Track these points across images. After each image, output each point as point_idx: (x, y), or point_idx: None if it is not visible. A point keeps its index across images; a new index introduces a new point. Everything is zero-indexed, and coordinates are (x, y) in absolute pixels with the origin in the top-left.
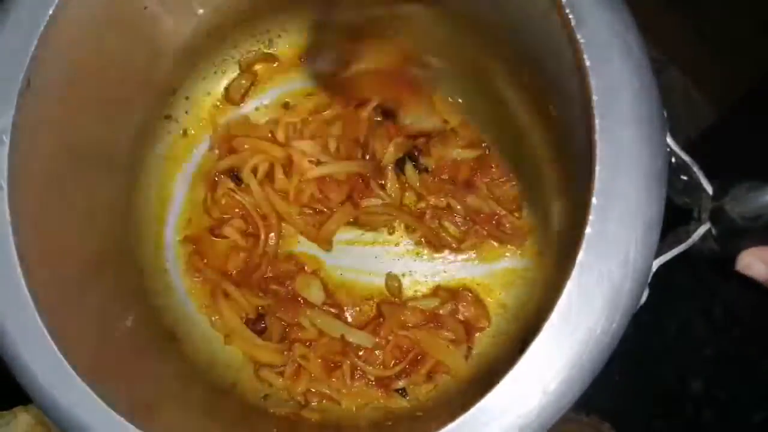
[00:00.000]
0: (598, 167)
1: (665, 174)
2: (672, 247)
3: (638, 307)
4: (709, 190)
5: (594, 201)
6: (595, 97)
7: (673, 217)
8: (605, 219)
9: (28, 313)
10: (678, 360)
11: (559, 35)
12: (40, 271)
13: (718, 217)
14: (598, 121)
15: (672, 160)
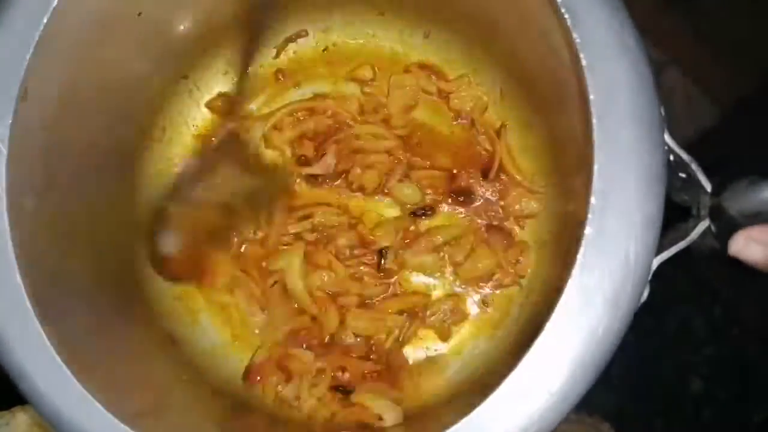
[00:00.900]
0: (596, 166)
1: (664, 172)
2: (672, 245)
3: (639, 306)
4: (708, 187)
5: (593, 200)
6: (592, 97)
7: (673, 215)
8: (604, 218)
9: (28, 320)
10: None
11: (556, 35)
12: (40, 278)
13: (717, 214)
14: (596, 121)
15: (670, 158)
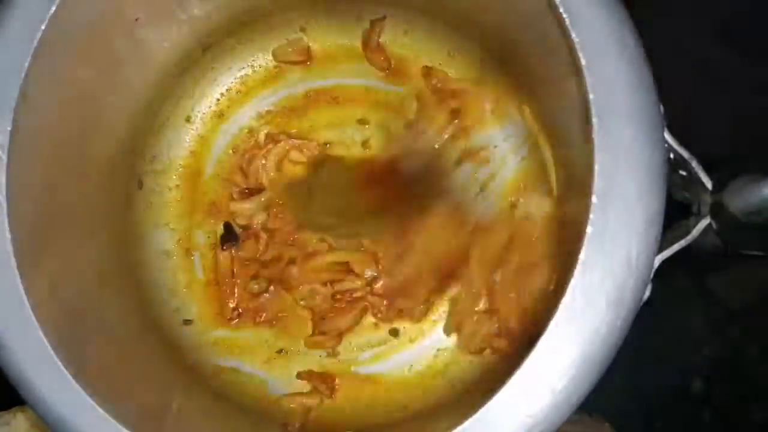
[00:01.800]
0: (597, 166)
1: (664, 170)
2: (673, 243)
3: (642, 304)
4: (709, 184)
5: (594, 200)
6: (591, 96)
7: (674, 213)
8: (606, 217)
9: (29, 325)
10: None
11: (554, 34)
12: (41, 284)
13: (718, 211)
14: (595, 120)
15: (671, 156)
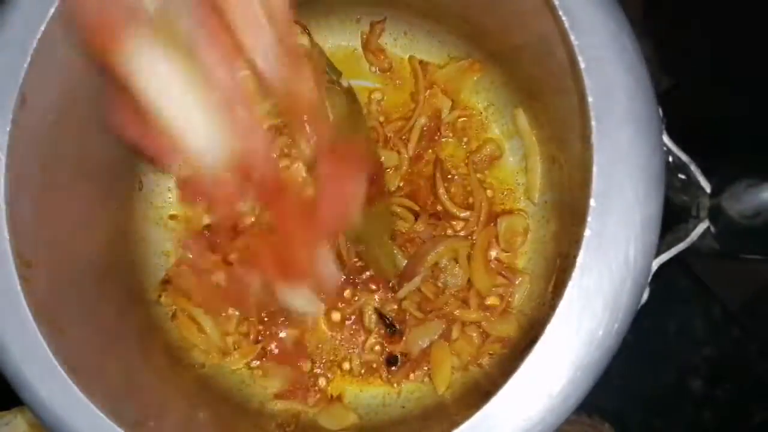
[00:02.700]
0: (595, 169)
1: (663, 173)
2: (671, 246)
3: (639, 307)
4: (707, 188)
5: (592, 203)
6: (590, 99)
7: (672, 216)
8: (604, 220)
9: (29, 328)
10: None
11: (553, 37)
12: (40, 287)
13: (716, 215)
14: (594, 123)
15: (669, 159)
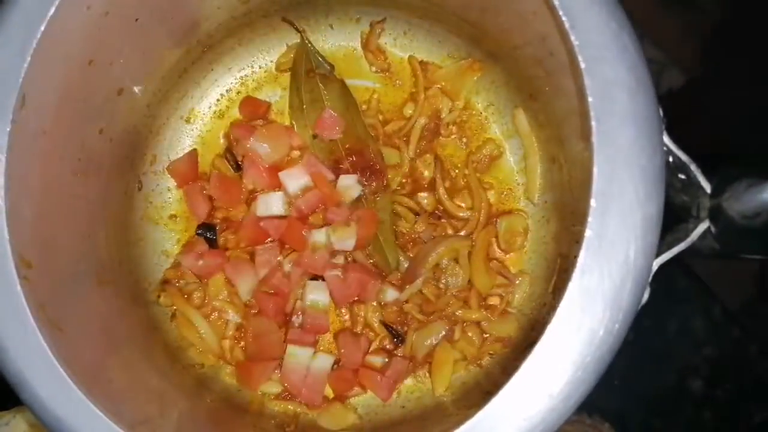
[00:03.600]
0: (596, 169)
1: (663, 173)
2: (672, 247)
3: (639, 307)
4: (708, 188)
5: (592, 203)
6: (590, 99)
7: (673, 216)
8: (604, 220)
9: (27, 327)
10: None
11: (553, 37)
12: (40, 287)
13: (717, 214)
14: (594, 123)
15: (670, 159)
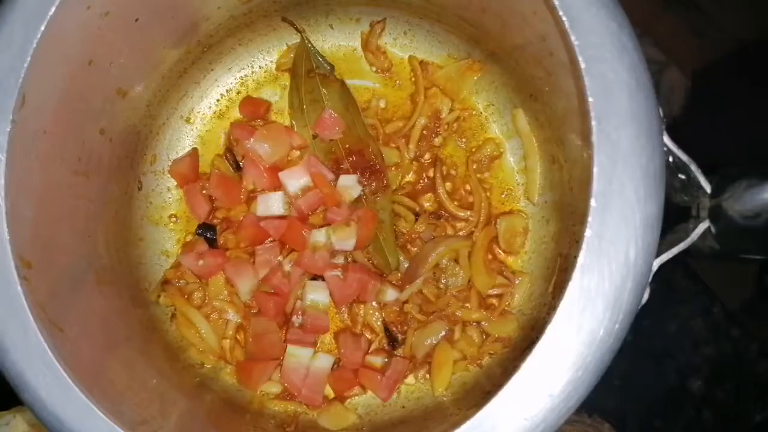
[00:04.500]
0: (596, 169)
1: (663, 173)
2: (672, 246)
3: (639, 307)
4: (708, 188)
5: (593, 202)
6: (590, 99)
7: (673, 216)
8: (604, 220)
9: (29, 328)
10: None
11: (553, 37)
12: (40, 287)
13: (717, 215)
14: (594, 123)
15: (670, 159)
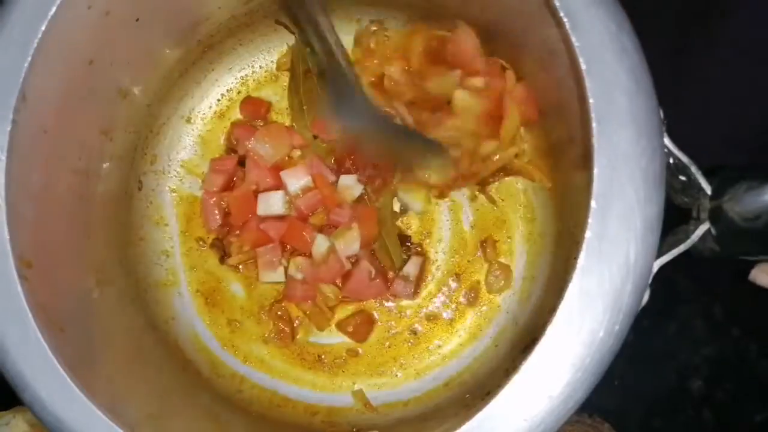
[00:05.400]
0: (596, 170)
1: (663, 175)
2: (672, 248)
3: (640, 309)
4: (708, 190)
5: (593, 204)
6: (591, 100)
7: (673, 218)
8: (605, 222)
9: (29, 329)
10: (678, 360)
11: (554, 38)
12: (40, 287)
13: (717, 216)
14: (594, 124)
15: (670, 161)
